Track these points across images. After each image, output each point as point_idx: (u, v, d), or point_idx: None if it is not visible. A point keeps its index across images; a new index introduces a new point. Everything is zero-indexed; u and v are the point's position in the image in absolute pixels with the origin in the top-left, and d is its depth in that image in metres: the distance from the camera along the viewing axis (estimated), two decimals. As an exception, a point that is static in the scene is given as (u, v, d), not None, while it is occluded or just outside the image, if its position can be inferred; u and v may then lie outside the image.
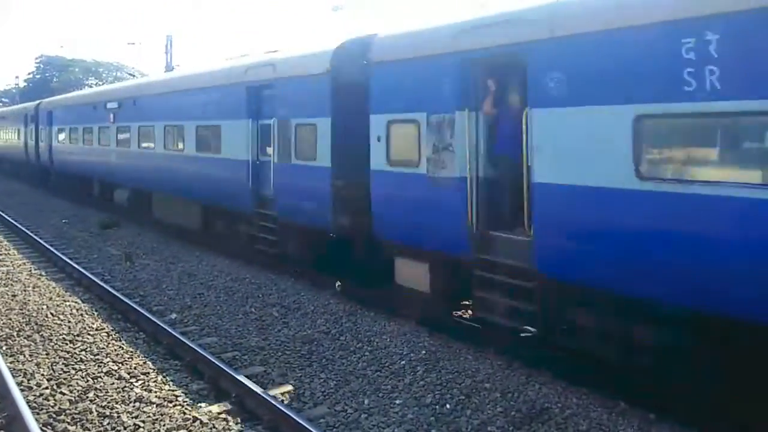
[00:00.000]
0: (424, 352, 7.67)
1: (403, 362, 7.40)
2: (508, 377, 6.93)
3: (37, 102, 28.62)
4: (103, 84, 64.00)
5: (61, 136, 23.92)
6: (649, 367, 6.07)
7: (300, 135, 10.48)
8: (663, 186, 5.60)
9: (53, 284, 10.94)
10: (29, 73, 74.92)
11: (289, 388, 6.76)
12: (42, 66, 73.50)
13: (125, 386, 6.60)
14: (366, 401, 6.43)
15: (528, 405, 6.26)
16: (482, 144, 7.60)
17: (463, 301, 8.74)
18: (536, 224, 6.77)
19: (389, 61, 8.73)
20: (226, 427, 5.83)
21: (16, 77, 76.56)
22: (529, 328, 7.32)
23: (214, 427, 5.79)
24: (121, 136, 18.03)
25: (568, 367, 6.93)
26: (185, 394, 6.49)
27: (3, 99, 75.60)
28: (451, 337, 8.02)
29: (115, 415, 5.92)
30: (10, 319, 8.80)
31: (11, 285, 10.74)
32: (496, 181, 7.57)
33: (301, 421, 5.63)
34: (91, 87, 66.60)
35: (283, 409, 5.90)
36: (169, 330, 8.18)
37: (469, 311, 8.72)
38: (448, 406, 6.31)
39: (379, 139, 8.80)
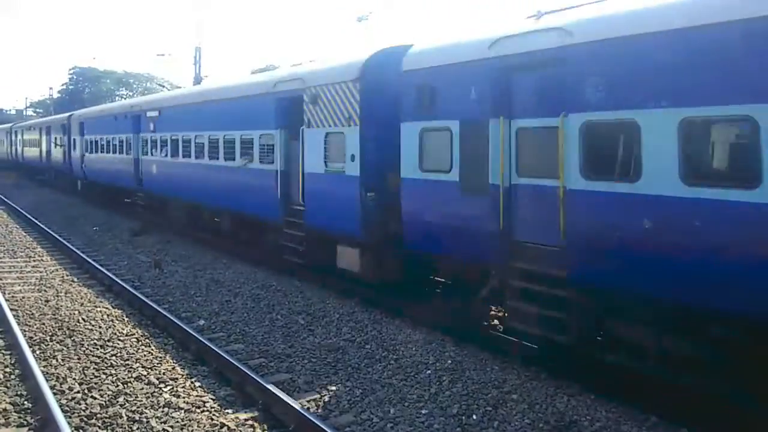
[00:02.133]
0: (449, 361, 7.62)
1: (429, 372, 7.36)
2: (536, 388, 6.84)
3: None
4: (134, 95, 65.30)
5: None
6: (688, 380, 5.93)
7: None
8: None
9: (85, 290, 11.16)
10: (63, 85, 77.05)
11: (315, 395, 6.77)
12: (75, 77, 75.48)
13: (154, 391, 6.69)
14: (392, 410, 6.40)
15: (556, 417, 6.17)
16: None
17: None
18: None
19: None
20: (253, 433, 5.87)
21: (50, 88, 78.61)
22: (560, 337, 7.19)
23: (241, 433, 5.83)
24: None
25: (596, 379, 6.82)
26: (213, 400, 6.55)
27: (38, 109, 77.67)
28: (477, 347, 7.96)
29: (145, 420, 6.00)
30: (44, 324, 9.00)
31: (44, 291, 10.99)
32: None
33: (327, 430, 5.63)
34: (122, 98, 68.13)
35: (309, 417, 5.91)
36: (198, 336, 8.27)
37: (497, 321, 8.66)
38: (474, 416, 6.25)
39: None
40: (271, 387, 6.60)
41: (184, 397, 6.55)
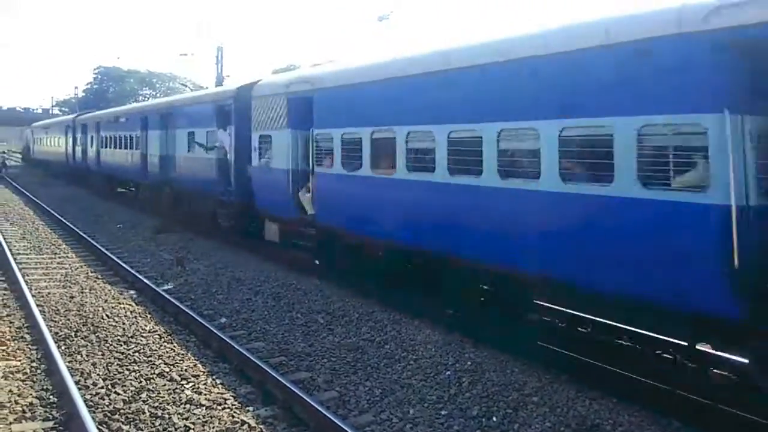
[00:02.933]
0: (469, 363, 7.60)
1: (449, 372, 7.35)
2: (557, 391, 6.79)
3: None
4: (157, 95, 66.08)
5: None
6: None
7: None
8: None
9: (108, 287, 11.33)
10: (87, 84, 78.28)
11: (335, 394, 6.80)
12: (100, 77, 76.64)
13: (176, 388, 6.77)
14: (411, 411, 6.40)
15: (578, 420, 6.12)
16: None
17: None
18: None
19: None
20: (274, 431, 5.91)
21: (75, 88, 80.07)
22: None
23: (261, 431, 5.87)
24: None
25: (618, 382, 6.75)
26: (234, 397, 6.60)
27: (63, 108, 79.07)
28: (497, 348, 7.92)
29: (167, 416, 6.07)
30: (69, 319, 9.16)
31: (69, 287, 11.18)
32: None
33: (347, 429, 5.65)
34: (146, 97, 68.98)
35: (329, 415, 5.93)
36: (219, 334, 8.35)
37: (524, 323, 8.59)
38: (494, 419, 6.23)
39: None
40: (291, 385, 6.64)
41: (205, 394, 6.62)
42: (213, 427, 5.89)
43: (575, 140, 6.85)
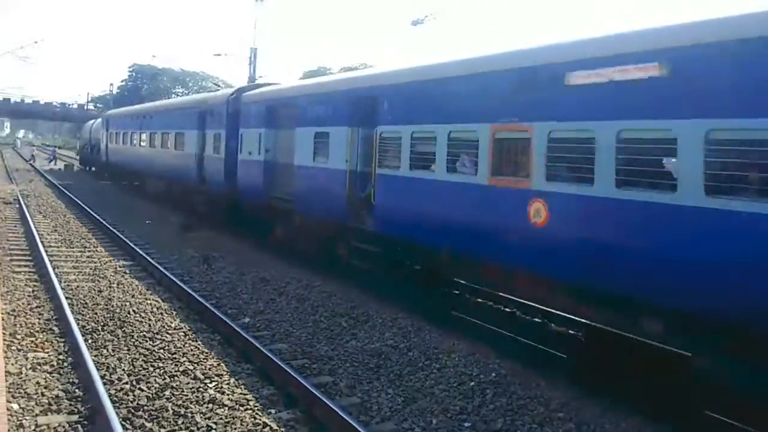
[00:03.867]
0: (494, 374, 7.48)
1: (473, 383, 7.23)
2: (583, 408, 6.63)
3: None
4: (189, 92, 67.06)
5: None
6: None
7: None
8: None
9: (136, 282, 11.46)
10: (122, 81, 79.82)
11: (357, 400, 6.74)
12: (134, 74, 78.15)
13: (200, 387, 6.78)
14: (434, 421, 6.31)
15: (604, 439, 5.96)
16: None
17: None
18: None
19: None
20: (295, 435, 5.88)
21: (111, 84, 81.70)
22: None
23: (282, 434, 5.84)
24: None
25: (645, 402, 6.57)
26: (256, 398, 6.59)
27: (98, 104, 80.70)
28: (521, 361, 7.79)
29: (190, 414, 6.08)
30: (96, 313, 9.27)
31: (98, 281, 11.34)
32: None
33: (368, 436, 5.59)
34: (178, 95, 69.99)
35: (351, 421, 5.87)
36: (243, 333, 8.37)
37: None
38: (519, 433, 6.10)
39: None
40: (313, 389, 6.60)
41: (228, 394, 6.62)
42: (235, 428, 5.88)
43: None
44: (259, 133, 15.36)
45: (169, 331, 8.66)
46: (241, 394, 6.67)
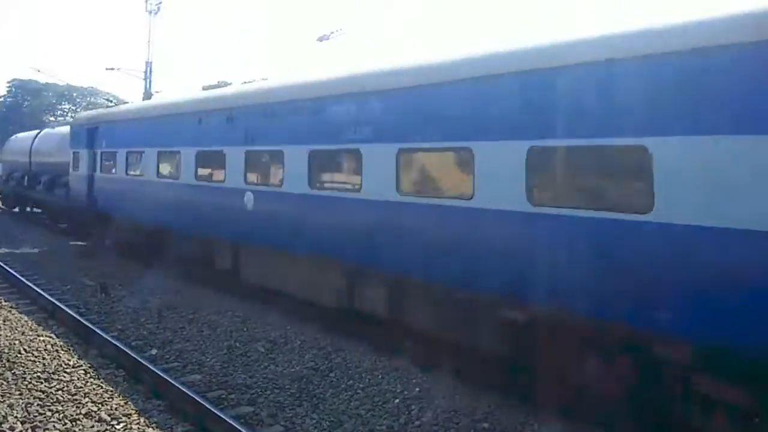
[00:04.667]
0: (417, 389, 7.45)
1: (397, 401, 7.17)
2: (506, 415, 6.75)
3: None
4: (77, 110, 63.16)
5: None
6: None
7: None
8: None
9: (25, 317, 10.45)
10: (0, 97, 73.76)
11: (280, 429, 6.47)
12: (14, 89, 72.49)
13: (106, 429, 6.23)
14: (361, 443, 6.17)
15: (529, 446, 6.06)
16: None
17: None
18: None
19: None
20: (216, 473, 5.52)
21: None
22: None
23: (202, 474, 5.47)
24: None
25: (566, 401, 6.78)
26: (170, 437, 6.15)
27: (-29, 123, 73.99)
28: (443, 372, 7.82)
29: (96, 462, 5.56)
30: (-20, 355, 8.32)
31: (-20, 318, 10.22)
32: None
33: (296, 467, 5.35)
34: (64, 111, 65.59)
35: (276, 453, 5.60)
36: (151, 367, 7.82)
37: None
38: (447, 448, 6.09)
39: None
40: (232, 421, 6.26)
41: (139, 435, 6.13)
42: (149, 473, 5.43)
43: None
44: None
45: (67, 370, 7.92)
46: (153, 433, 6.20)
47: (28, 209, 26.45)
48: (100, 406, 6.82)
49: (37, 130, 26.46)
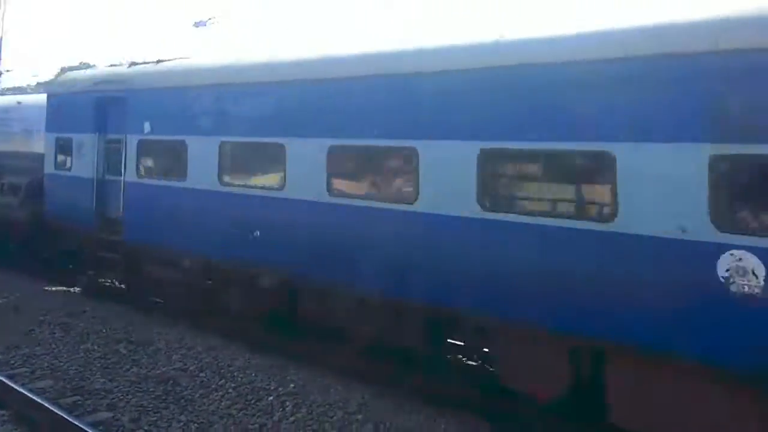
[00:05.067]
0: (292, 385, 7.35)
1: (271, 398, 7.02)
2: (379, 406, 6.85)
3: None
4: None
5: None
6: None
7: None
8: None
9: None
10: None
11: (144, 434, 6.07)
12: None
13: (-66, 447, 5.50)
14: (233, 443, 5.97)
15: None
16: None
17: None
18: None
19: None
20: (69, 486, 5.06)
21: None
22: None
23: (53, 487, 4.99)
24: None
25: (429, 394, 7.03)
26: (15, 450, 5.55)
27: None
28: (318, 369, 7.80)
29: None
30: None
31: None
32: None
33: (161, 472, 5.05)
34: None
35: (139, 459, 5.25)
36: (-8, 375, 7.01)
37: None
38: (321, 441, 6.06)
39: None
40: (89, 429, 5.78)
41: (-24, 451, 5.47)
42: (-12, 491, 4.86)
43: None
44: None
45: None
46: (-6, 447, 5.57)
47: None
48: (-74, 421, 6.00)
49: None
